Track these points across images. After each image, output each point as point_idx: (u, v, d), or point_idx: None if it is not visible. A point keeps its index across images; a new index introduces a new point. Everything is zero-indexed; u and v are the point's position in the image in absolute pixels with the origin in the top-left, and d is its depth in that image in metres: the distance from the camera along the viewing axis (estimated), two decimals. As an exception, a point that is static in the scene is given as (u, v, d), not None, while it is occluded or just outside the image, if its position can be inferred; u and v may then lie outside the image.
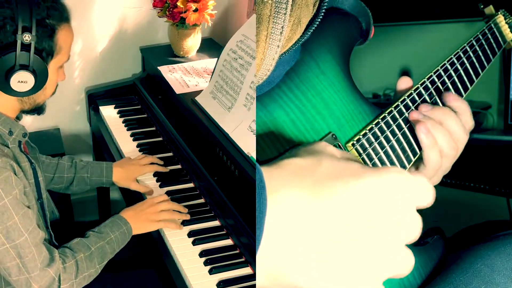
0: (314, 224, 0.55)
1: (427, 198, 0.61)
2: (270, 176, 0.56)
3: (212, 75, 1.53)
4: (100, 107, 1.84)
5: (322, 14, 0.78)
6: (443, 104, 0.90)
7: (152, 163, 1.51)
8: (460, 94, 0.97)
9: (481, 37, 1.05)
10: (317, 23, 0.78)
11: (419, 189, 0.61)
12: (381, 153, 0.83)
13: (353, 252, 0.55)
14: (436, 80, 0.93)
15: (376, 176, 0.58)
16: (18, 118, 1.22)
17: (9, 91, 1.11)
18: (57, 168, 1.44)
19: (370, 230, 0.56)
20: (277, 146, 0.74)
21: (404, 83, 0.92)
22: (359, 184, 0.57)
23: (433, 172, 0.86)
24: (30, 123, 1.90)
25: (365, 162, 0.82)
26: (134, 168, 1.48)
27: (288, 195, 0.55)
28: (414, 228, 0.60)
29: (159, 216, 1.30)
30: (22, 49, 1.07)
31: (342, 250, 0.55)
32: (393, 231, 0.58)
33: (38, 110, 1.21)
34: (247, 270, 1.21)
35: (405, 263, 0.59)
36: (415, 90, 0.90)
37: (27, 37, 1.06)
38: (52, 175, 1.44)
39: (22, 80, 1.09)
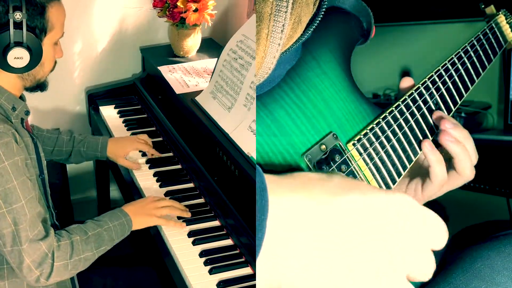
0: (318, 230, 0.55)
1: (442, 240, 0.59)
2: (280, 182, 0.57)
3: (212, 75, 1.53)
4: (100, 107, 1.84)
5: (323, 13, 0.78)
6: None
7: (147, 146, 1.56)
8: (460, 94, 0.97)
9: (482, 37, 1.05)
10: (318, 22, 0.78)
11: (433, 228, 0.59)
12: (382, 153, 0.83)
13: (354, 264, 0.55)
14: (437, 79, 0.93)
15: (383, 195, 0.58)
16: (22, 99, 1.25)
17: (8, 67, 1.17)
18: (57, 141, 1.52)
19: (372, 243, 0.56)
20: (277, 145, 0.74)
21: (406, 83, 0.92)
22: (368, 199, 0.57)
23: (438, 187, 0.87)
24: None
25: (365, 162, 0.82)
26: (127, 142, 1.55)
27: (295, 201, 0.55)
28: (426, 265, 0.57)
29: (159, 211, 1.31)
30: (15, 27, 1.14)
31: (344, 260, 0.55)
32: (395, 254, 0.57)
33: (40, 86, 1.27)
34: (247, 270, 1.21)
35: None
36: (416, 90, 0.90)
37: (18, 15, 1.13)
38: (52, 148, 1.52)
39: (18, 56, 1.16)
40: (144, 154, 1.58)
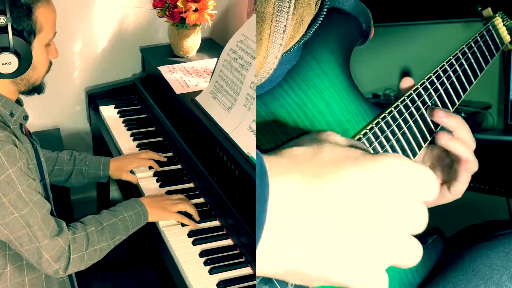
0: (312, 208, 0.55)
1: (432, 190, 0.59)
2: (269, 163, 0.56)
3: (212, 75, 1.54)
4: (100, 107, 1.84)
5: (324, 13, 0.78)
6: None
7: (151, 159, 1.52)
8: (458, 95, 0.97)
9: (479, 39, 1.05)
10: (319, 22, 0.78)
11: (423, 180, 0.59)
12: (381, 153, 0.83)
13: (353, 237, 0.55)
14: (436, 80, 0.94)
15: (376, 162, 0.58)
16: (20, 104, 1.24)
17: None
18: (57, 161, 1.47)
19: (369, 215, 0.56)
20: (277, 143, 0.74)
21: (406, 83, 0.92)
22: (358, 170, 0.57)
23: (466, 184, 0.88)
24: (30, 123, 1.89)
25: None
26: (129, 160, 1.51)
27: (286, 180, 0.55)
28: (419, 218, 0.58)
29: (175, 207, 1.32)
30: (0, 32, 1.09)
31: (341, 234, 0.55)
32: (394, 217, 0.57)
33: (37, 89, 1.24)
34: (247, 270, 1.21)
35: (411, 252, 0.58)
36: (414, 91, 0.90)
37: (2, 20, 1.09)
38: (51, 167, 1.47)
39: (5, 62, 1.11)
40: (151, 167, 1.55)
